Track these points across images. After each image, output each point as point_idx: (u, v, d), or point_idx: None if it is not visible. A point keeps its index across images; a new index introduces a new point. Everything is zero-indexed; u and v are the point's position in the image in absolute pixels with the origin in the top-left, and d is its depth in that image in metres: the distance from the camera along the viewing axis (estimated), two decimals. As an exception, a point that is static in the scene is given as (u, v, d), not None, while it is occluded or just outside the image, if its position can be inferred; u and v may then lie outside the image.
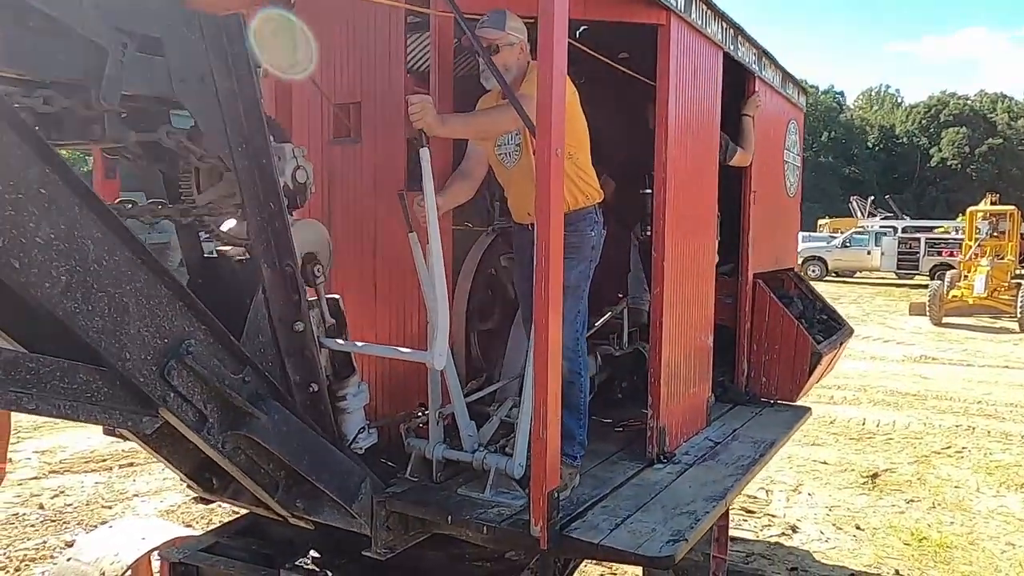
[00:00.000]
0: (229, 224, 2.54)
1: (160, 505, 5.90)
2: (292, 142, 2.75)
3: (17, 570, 4.72)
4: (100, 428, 7.87)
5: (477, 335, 3.48)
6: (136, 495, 6.10)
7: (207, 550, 2.93)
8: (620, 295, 4.31)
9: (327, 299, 2.65)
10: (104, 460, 6.97)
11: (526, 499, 2.45)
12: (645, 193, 3.75)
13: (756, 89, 4.33)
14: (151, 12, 2.07)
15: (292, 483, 2.49)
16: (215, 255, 2.66)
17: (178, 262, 2.69)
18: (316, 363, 2.53)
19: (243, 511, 3.25)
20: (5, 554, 4.84)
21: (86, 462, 6.94)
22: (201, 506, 5.69)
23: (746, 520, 5.87)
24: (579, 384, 2.88)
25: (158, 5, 2.10)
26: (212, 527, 4.03)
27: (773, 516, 6.00)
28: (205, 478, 2.66)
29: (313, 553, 2.72)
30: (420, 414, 2.86)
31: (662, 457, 3.19)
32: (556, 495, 2.35)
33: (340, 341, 2.65)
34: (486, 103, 2.98)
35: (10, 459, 4.27)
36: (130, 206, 2.30)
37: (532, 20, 2.78)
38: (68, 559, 3.15)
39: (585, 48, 3.38)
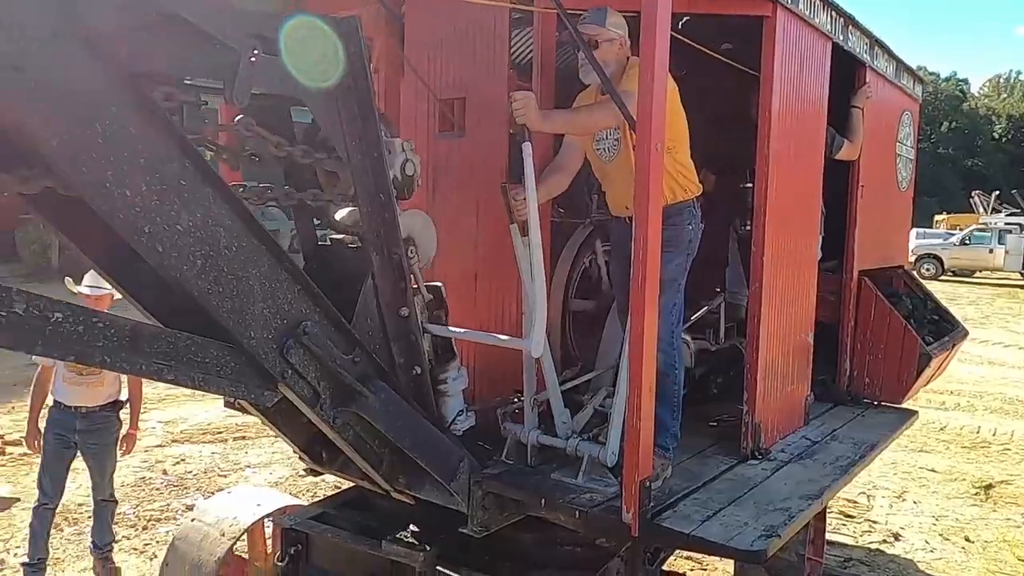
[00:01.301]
0: (341, 213, 2.71)
1: (269, 477, 6.27)
2: (400, 136, 2.90)
3: (145, 528, 5.16)
4: (218, 402, 8.39)
5: (573, 325, 3.54)
6: (248, 466, 6.51)
7: (315, 519, 3.13)
8: (718, 289, 4.27)
9: (430, 286, 2.78)
10: (220, 432, 7.46)
11: (618, 487, 2.50)
12: (746, 187, 3.70)
13: (867, 80, 4.18)
14: (277, 17, 2.24)
15: (395, 459, 2.63)
16: (328, 242, 2.83)
17: (286, 247, 2.87)
18: (420, 347, 2.66)
19: (348, 485, 3.46)
20: (135, 513, 5.29)
21: (204, 433, 7.46)
22: (307, 479, 6.02)
23: (845, 525, 5.69)
24: (673, 376, 2.90)
25: (283, 10, 2.26)
26: (317, 499, 4.27)
27: (874, 522, 5.79)
28: (316, 451, 2.85)
29: (413, 527, 2.86)
30: (516, 400, 2.95)
31: (757, 453, 3.16)
32: (648, 484, 2.39)
33: (442, 327, 2.77)
34: (585, 99, 3.02)
35: (138, 427, 4.66)
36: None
37: (634, 14, 2.81)
38: (192, 520, 3.44)
39: (687, 40, 3.37)
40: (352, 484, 3.37)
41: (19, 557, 4.59)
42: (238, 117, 2.31)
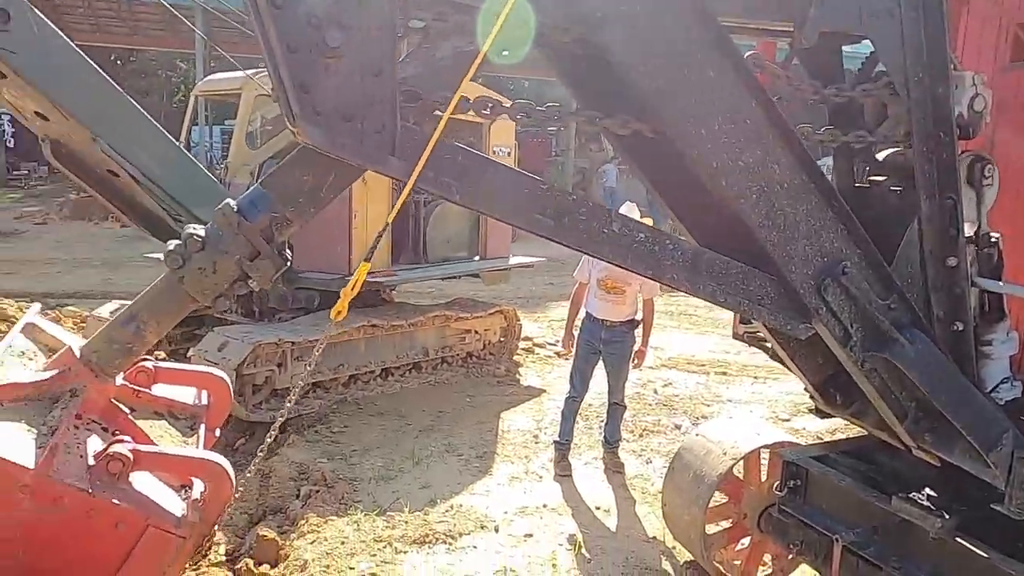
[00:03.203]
0: (884, 153, 2.60)
1: (748, 415, 6.48)
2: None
3: (641, 436, 5.84)
4: (700, 336, 8.85)
5: None
6: (729, 400, 6.82)
7: (817, 459, 3.17)
8: None
9: (986, 235, 2.52)
10: (703, 365, 7.94)
11: None
12: None
13: None
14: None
15: (922, 415, 2.50)
16: (866, 184, 2.75)
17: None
18: (965, 301, 2.45)
19: (851, 433, 3.41)
20: (632, 421, 6.01)
21: (688, 363, 8.02)
22: (787, 424, 6.07)
23: None
24: None
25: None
26: (816, 441, 4.29)
27: None
28: (830, 392, 2.86)
29: (928, 491, 2.70)
30: (1081, 378, 2.53)
31: None
32: None
33: (996, 282, 2.50)
34: None
35: (647, 346, 5.22)
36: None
37: None
38: (696, 435, 3.79)
39: None
40: (855, 435, 3.33)
41: (547, 435, 5.66)
42: (748, 53, 2.37)
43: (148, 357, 2.60)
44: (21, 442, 1.96)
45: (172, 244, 2.12)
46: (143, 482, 2.04)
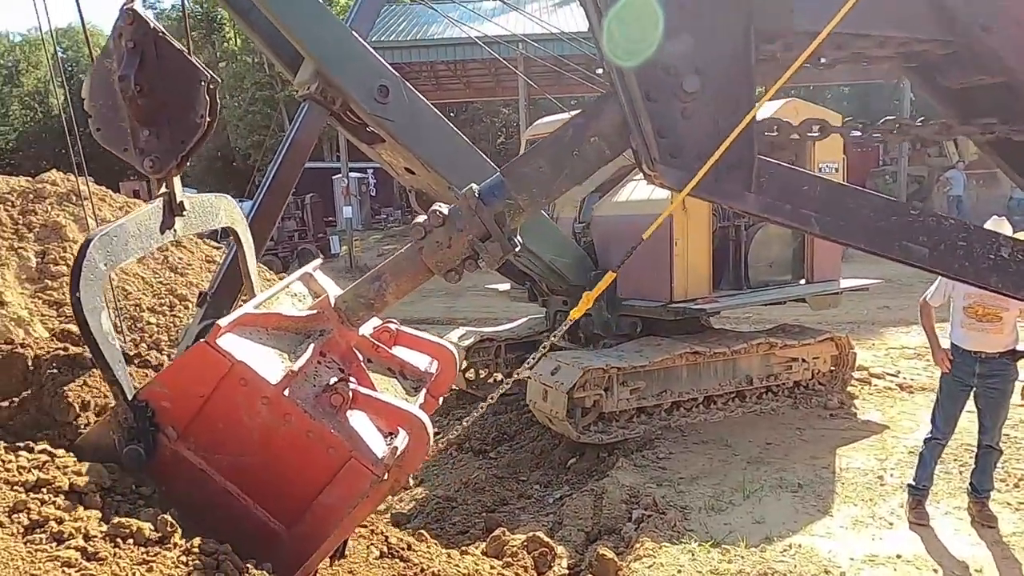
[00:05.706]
0: None
1: None
2: None
3: (1016, 485, 4.99)
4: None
5: None
6: None
7: None
8: None
9: None
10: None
11: None
12: None
13: None
14: None
15: None
16: None
17: None
18: None
19: None
20: (1003, 468, 5.15)
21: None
22: None
23: None
24: None
25: None
26: None
27: None
28: None
29: None
30: None
31: None
32: None
33: None
34: None
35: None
36: None
37: None
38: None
39: None
40: None
41: (894, 477, 5.10)
42: None
43: (392, 320, 2.95)
44: (272, 362, 2.32)
45: (421, 217, 2.40)
46: (358, 420, 2.30)
